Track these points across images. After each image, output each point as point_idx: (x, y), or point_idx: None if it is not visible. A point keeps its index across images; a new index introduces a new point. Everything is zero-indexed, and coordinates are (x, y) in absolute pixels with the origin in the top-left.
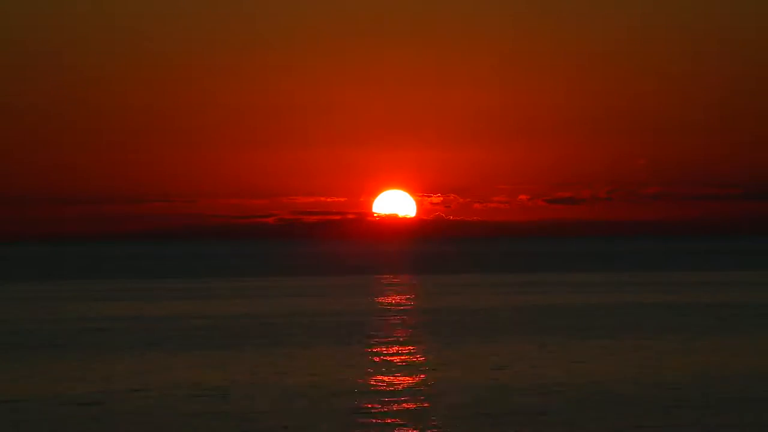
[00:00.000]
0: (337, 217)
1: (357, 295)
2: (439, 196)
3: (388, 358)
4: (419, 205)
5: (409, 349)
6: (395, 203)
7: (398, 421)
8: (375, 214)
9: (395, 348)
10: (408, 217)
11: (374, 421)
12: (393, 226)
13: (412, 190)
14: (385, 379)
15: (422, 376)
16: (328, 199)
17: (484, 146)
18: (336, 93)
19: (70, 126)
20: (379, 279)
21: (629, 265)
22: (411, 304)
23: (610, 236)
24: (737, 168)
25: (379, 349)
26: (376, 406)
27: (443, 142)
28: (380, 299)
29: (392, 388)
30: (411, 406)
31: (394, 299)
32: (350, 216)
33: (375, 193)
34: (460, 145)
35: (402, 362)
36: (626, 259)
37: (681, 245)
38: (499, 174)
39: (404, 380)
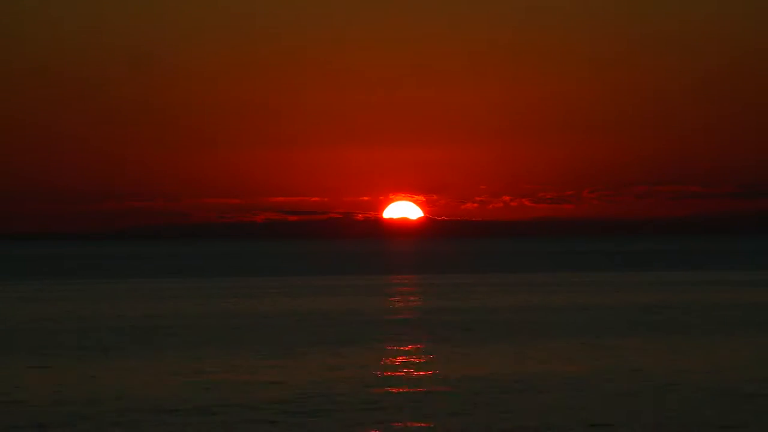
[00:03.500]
0: (323, 217)
1: (375, 294)
2: (422, 197)
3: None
4: (399, 206)
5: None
6: (396, 205)
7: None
8: (386, 217)
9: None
10: (394, 218)
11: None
12: (383, 226)
13: (395, 191)
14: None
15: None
16: (312, 199)
17: (463, 146)
18: (320, 94)
19: (57, 125)
20: (387, 279)
21: (634, 266)
22: (433, 305)
23: (601, 236)
24: (726, 167)
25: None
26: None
27: (424, 142)
28: (397, 299)
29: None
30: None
31: (415, 299)
32: (334, 216)
33: (359, 193)
34: (440, 145)
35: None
36: (623, 258)
37: (676, 245)
38: (479, 174)
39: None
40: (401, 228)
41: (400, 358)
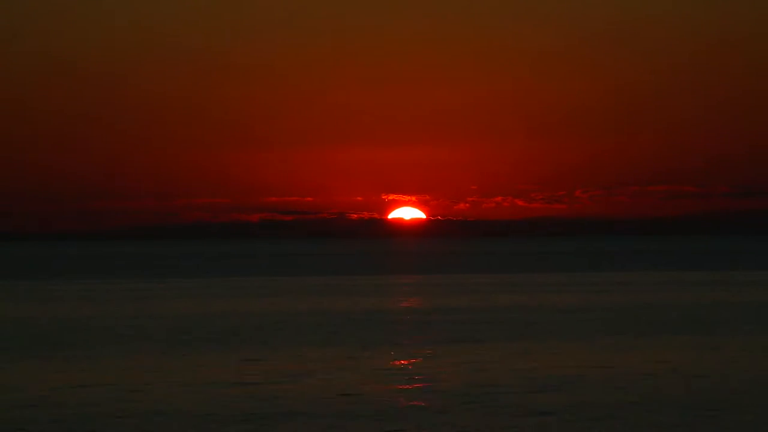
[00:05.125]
0: (318, 217)
1: (380, 295)
2: (414, 197)
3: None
4: (392, 206)
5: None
6: (391, 205)
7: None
8: (381, 217)
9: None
10: (389, 218)
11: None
12: (379, 226)
13: (388, 191)
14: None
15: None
16: (306, 199)
17: (454, 147)
18: (311, 95)
19: (49, 124)
20: (393, 279)
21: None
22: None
23: (596, 235)
24: (719, 167)
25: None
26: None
27: (416, 142)
28: (403, 299)
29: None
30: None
31: (430, 299)
32: (328, 216)
33: (352, 193)
34: (431, 145)
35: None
36: (625, 258)
37: (672, 245)
38: (469, 175)
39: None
40: (397, 228)
41: (403, 360)
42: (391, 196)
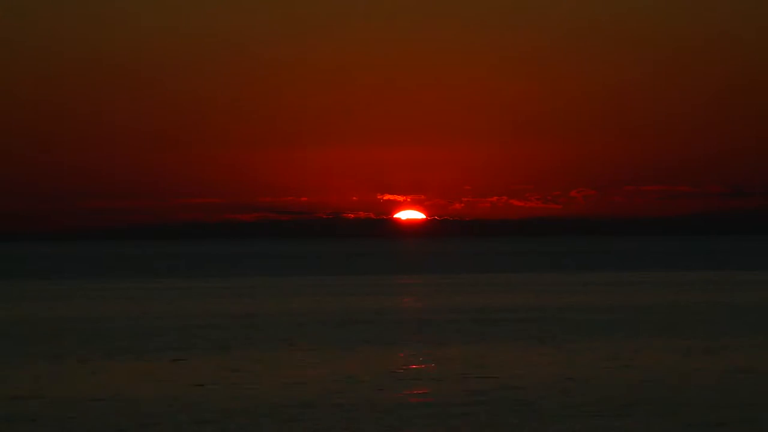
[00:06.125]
0: (314, 216)
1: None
2: (409, 197)
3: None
4: (388, 206)
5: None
6: (387, 205)
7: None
8: (378, 217)
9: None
10: (386, 217)
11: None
12: (376, 225)
13: (383, 191)
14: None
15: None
16: (301, 199)
17: (448, 147)
18: (305, 95)
19: (46, 123)
20: (398, 279)
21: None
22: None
23: (592, 235)
24: (715, 167)
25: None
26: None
27: (410, 142)
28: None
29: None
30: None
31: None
32: (324, 216)
33: (347, 193)
34: (425, 145)
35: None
36: (616, 258)
37: (669, 244)
38: (464, 175)
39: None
40: (396, 228)
41: (406, 360)
42: (387, 196)
